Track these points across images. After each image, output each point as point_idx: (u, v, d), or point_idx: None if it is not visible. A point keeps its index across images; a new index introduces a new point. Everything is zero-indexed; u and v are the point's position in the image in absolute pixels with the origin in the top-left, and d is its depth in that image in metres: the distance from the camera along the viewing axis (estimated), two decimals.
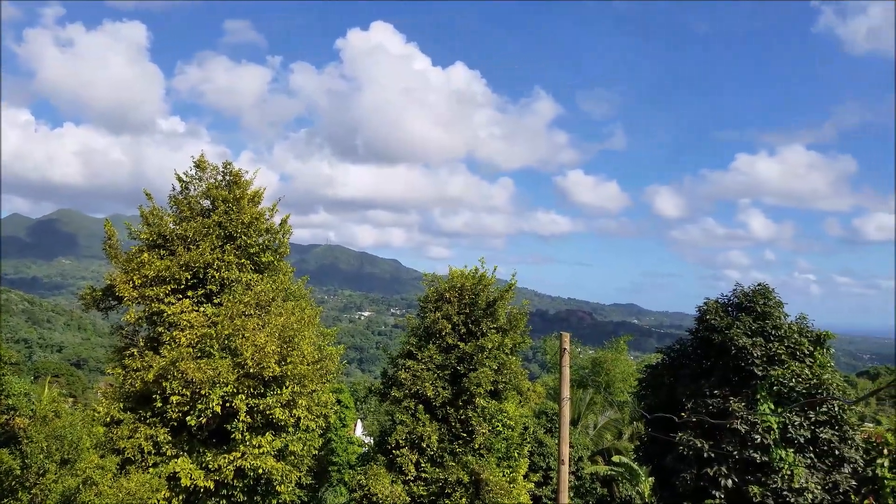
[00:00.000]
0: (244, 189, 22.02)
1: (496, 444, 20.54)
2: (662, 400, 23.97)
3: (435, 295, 22.47)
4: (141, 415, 19.26)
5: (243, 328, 18.76)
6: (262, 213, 22.14)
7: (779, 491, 20.20)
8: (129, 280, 20.04)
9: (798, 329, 22.62)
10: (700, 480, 21.47)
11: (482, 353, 20.92)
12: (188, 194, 21.96)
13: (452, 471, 19.54)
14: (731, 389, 22.03)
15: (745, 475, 21.05)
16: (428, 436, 19.90)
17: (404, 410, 20.67)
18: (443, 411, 20.79)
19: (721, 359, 22.50)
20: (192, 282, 20.43)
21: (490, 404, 20.89)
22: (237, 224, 21.14)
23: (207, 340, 18.70)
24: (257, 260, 21.78)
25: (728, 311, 23.49)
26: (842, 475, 20.76)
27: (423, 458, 20.12)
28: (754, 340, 21.82)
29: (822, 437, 20.94)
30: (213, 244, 20.68)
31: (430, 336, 21.94)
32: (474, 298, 22.02)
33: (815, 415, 21.20)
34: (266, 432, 19.01)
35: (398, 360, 22.16)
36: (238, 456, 18.57)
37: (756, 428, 20.84)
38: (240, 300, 19.63)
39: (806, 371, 21.52)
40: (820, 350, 22.48)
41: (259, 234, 21.93)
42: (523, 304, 23.67)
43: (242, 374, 18.49)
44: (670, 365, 24.65)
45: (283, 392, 18.82)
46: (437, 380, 20.90)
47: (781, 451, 20.57)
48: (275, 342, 18.70)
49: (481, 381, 20.41)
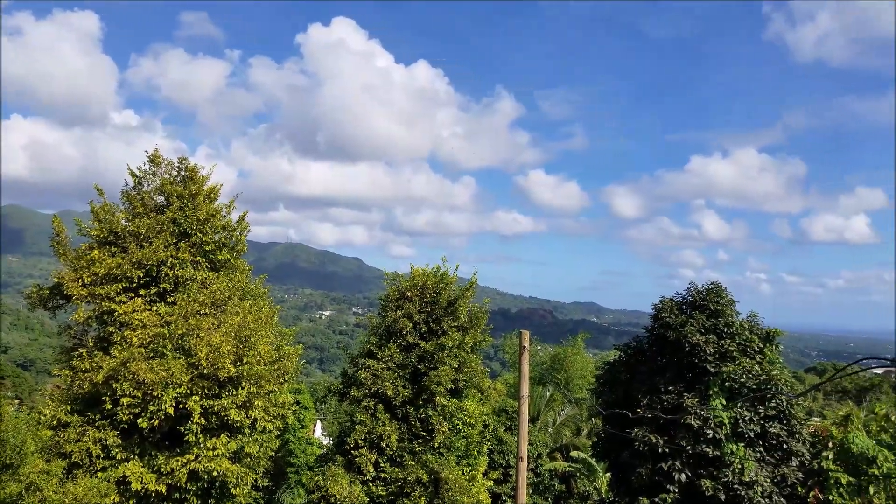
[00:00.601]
0: (200, 185, 21.58)
1: (456, 442, 20.57)
2: (619, 396, 24.31)
3: (396, 294, 22.39)
4: (89, 417, 18.71)
5: (198, 328, 18.38)
6: (218, 209, 21.72)
7: (730, 484, 20.68)
8: (78, 278, 19.45)
9: (749, 327, 23.18)
10: (655, 475, 21.86)
11: (443, 352, 20.92)
12: (141, 190, 21.43)
13: (412, 470, 19.50)
14: (685, 386, 22.47)
15: (698, 469, 21.50)
16: (387, 435, 19.81)
17: (364, 410, 20.54)
18: (403, 410, 20.72)
19: (675, 356, 22.92)
20: (144, 280, 19.93)
21: (450, 403, 20.90)
22: (192, 221, 20.70)
23: (160, 340, 18.26)
24: (213, 258, 21.37)
25: (682, 310, 23.94)
26: (789, 468, 21.35)
27: (382, 458, 20.03)
28: (707, 338, 22.28)
29: (771, 432, 21.51)
30: (167, 241, 20.21)
31: (390, 335, 21.85)
32: (436, 297, 22.00)
33: (765, 410, 21.75)
34: (221, 434, 18.66)
35: (358, 360, 22.02)
36: (191, 458, 18.18)
37: (708, 423, 21.29)
38: (194, 299, 19.23)
39: (756, 367, 22.07)
40: (769, 347, 23.10)
41: (215, 232, 21.52)
42: (484, 303, 23.75)
43: (196, 375, 18.12)
44: (627, 362, 25.03)
45: (239, 393, 18.50)
46: (398, 379, 20.83)
47: (732, 445, 21.07)
48: (230, 342, 18.37)
49: (442, 380, 20.41)
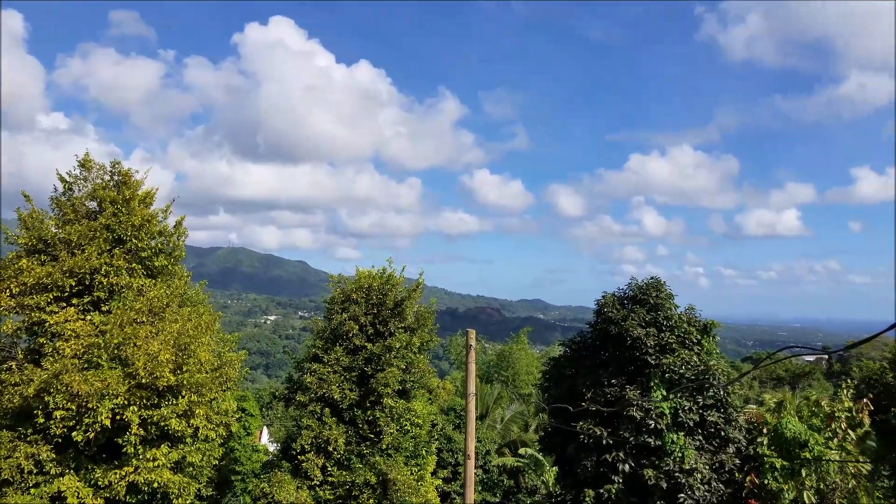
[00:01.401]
0: (134, 189, 20.94)
1: (404, 443, 20.55)
2: (564, 391, 24.73)
3: (341, 296, 22.21)
4: (20, 432, 17.92)
5: (134, 336, 17.83)
6: (154, 214, 21.12)
7: (671, 472, 21.30)
8: (5, 288, 18.63)
9: (687, 319, 23.91)
10: (600, 467, 22.34)
11: (390, 353, 20.86)
12: (72, 196, 20.66)
13: (360, 473, 19.39)
14: (627, 378, 23.03)
15: (641, 459, 22.07)
16: (335, 439, 19.64)
17: (310, 415, 20.31)
18: (350, 413, 20.58)
19: (618, 349, 23.46)
20: (77, 289, 19.23)
21: (398, 404, 20.85)
22: (127, 227, 20.07)
23: (95, 350, 17.65)
24: (150, 264, 20.77)
25: (624, 304, 24.52)
26: (727, 455, 22.13)
27: (329, 462, 19.85)
28: (648, 331, 22.88)
29: (710, 420, 22.25)
30: (100, 248, 19.54)
31: (336, 338, 21.66)
32: (382, 299, 21.91)
33: (703, 399, 22.49)
34: (161, 444, 18.16)
35: (304, 364, 21.77)
36: (130, 471, 17.64)
37: (650, 414, 21.88)
38: (130, 307, 18.66)
39: (694, 358, 22.80)
40: (707, 338, 23.88)
41: (151, 237, 20.92)
42: (431, 303, 23.80)
43: (134, 385, 17.57)
44: (571, 357, 25.48)
45: (180, 402, 18.03)
46: (344, 382, 20.67)
47: (673, 434, 21.71)
48: (169, 350, 17.89)
49: (389, 382, 20.34)
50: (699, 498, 21.18)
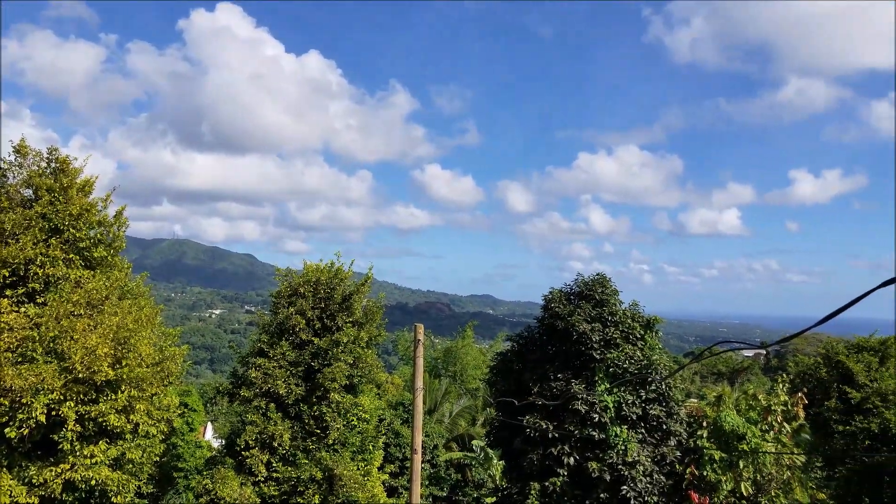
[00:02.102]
0: (73, 177, 20.18)
1: (351, 438, 20.43)
2: (512, 385, 24.95)
3: (288, 290, 21.91)
4: None
5: (71, 330, 17.23)
6: (93, 203, 20.41)
7: (614, 465, 21.73)
8: None
9: (631, 315, 24.39)
10: (546, 460, 22.63)
11: (337, 348, 20.68)
12: (6, 183, 19.79)
13: (305, 468, 19.19)
14: (572, 372, 23.37)
15: (586, 452, 22.44)
16: (280, 434, 19.39)
17: (255, 410, 20.00)
18: (296, 409, 20.34)
19: (564, 344, 23.79)
20: (10, 280, 18.44)
21: (345, 399, 20.71)
22: (64, 216, 19.35)
23: (29, 344, 17.00)
24: (88, 255, 20.08)
25: (570, 300, 24.85)
26: (668, 447, 22.70)
27: (274, 458, 19.58)
28: (593, 326, 23.26)
29: (652, 414, 22.77)
30: (35, 238, 18.78)
31: (282, 332, 21.37)
32: (330, 293, 21.70)
33: (646, 393, 22.99)
34: (99, 441, 17.60)
35: (249, 359, 21.41)
36: (67, 468, 17.05)
37: (595, 408, 22.27)
38: (67, 299, 18.01)
39: (638, 353, 23.28)
40: (650, 333, 24.41)
41: (90, 227, 20.22)
42: (380, 297, 23.68)
43: (71, 380, 16.98)
44: (519, 351, 25.71)
45: (119, 397, 17.51)
46: (290, 377, 20.41)
47: (617, 428, 22.14)
48: (108, 344, 17.34)
49: (336, 376, 20.18)
50: (641, 490, 21.67)
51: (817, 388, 29.73)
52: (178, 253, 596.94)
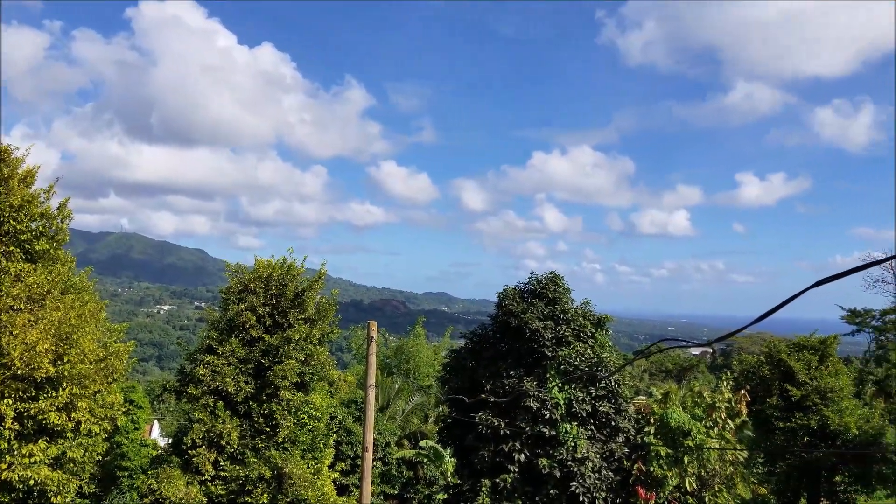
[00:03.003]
0: (14, 168, 19.40)
1: (301, 436, 20.20)
2: (465, 382, 25.06)
3: (239, 286, 21.53)
4: None
5: (11, 325, 16.60)
6: (35, 195, 19.65)
7: (564, 461, 22.04)
8: None
9: (582, 313, 24.76)
10: (497, 456, 22.81)
11: (288, 345, 20.41)
12: None
13: (254, 467, 18.90)
14: (525, 370, 23.61)
15: (536, 449, 22.70)
16: (228, 433, 19.05)
17: (202, 408, 19.59)
18: (245, 407, 20.01)
19: (517, 342, 24.00)
20: None
21: (296, 397, 20.46)
22: (4, 207, 18.58)
23: None
24: (29, 248, 19.33)
25: (524, 298, 25.09)
26: (617, 443, 23.12)
27: (222, 457, 19.23)
28: (546, 324, 23.53)
29: (601, 411, 23.16)
30: None
31: (232, 329, 21.00)
32: (282, 289, 21.41)
33: (596, 390, 23.37)
34: (39, 439, 17.02)
35: (196, 356, 20.97)
36: (4, 467, 16.43)
37: (546, 405, 22.54)
38: (7, 293, 17.34)
39: (588, 351, 23.65)
40: (600, 331, 24.82)
41: (31, 219, 19.47)
42: (333, 294, 23.48)
43: (9, 377, 16.37)
44: (472, 349, 25.83)
45: (60, 394, 16.95)
46: (240, 374, 20.07)
47: (567, 424, 22.45)
48: (49, 340, 16.76)
49: (287, 374, 19.92)
50: (590, 486, 22.02)
51: (760, 385, 30.65)
52: (126, 247, 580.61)
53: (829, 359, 31.34)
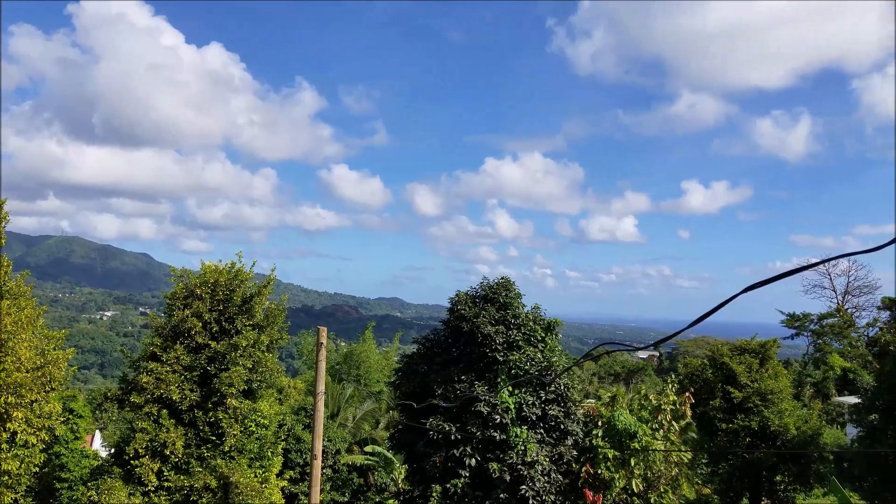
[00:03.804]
0: None
1: (248, 444, 19.80)
2: (416, 388, 25.03)
3: (184, 291, 21.01)
4: None
5: None
6: None
7: (514, 465, 22.20)
8: None
9: (533, 318, 25.03)
10: (448, 462, 22.83)
11: (236, 352, 20.00)
12: None
13: (199, 476, 18.44)
14: (476, 374, 23.72)
15: (487, 453, 22.81)
16: (172, 442, 18.54)
17: (145, 417, 19.02)
18: (190, 415, 19.51)
19: (469, 346, 24.11)
20: None
21: (243, 404, 20.05)
22: None
23: None
24: None
25: (476, 303, 25.24)
26: (565, 447, 23.41)
27: (166, 467, 18.71)
28: (497, 329, 23.71)
29: (551, 414, 23.43)
30: None
31: (177, 336, 20.46)
32: (229, 294, 20.97)
33: (545, 394, 23.63)
34: None
35: (140, 363, 20.37)
36: None
37: (496, 409, 22.67)
38: None
39: (538, 355, 23.91)
40: (550, 336, 25.13)
41: None
42: (282, 300, 23.12)
43: None
44: (425, 354, 25.84)
45: None
46: (185, 382, 19.56)
47: (517, 428, 22.63)
48: None
49: (234, 381, 19.51)
50: (539, 489, 22.23)
51: (703, 388, 31.45)
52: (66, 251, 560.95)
53: (769, 362, 32.36)
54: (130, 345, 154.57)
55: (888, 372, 23.11)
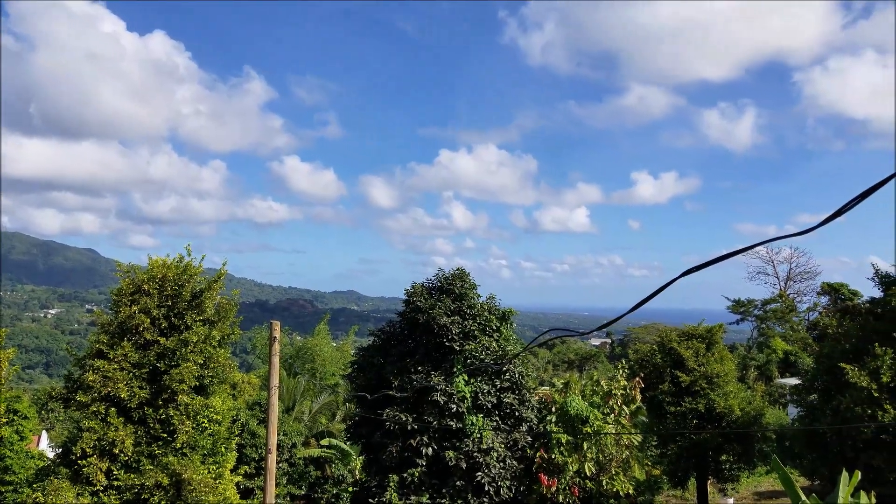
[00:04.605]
0: None
1: (201, 441, 19.52)
2: (373, 380, 25.07)
3: (131, 287, 20.53)
4: None
5: None
6: None
7: (470, 453, 22.47)
8: None
9: (488, 308, 25.32)
10: (405, 452, 22.97)
11: (186, 348, 19.66)
12: None
13: (150, 474, 18.12)
14: (433, 365, 23.89)
15: (444, 442, 23.02)
16: (121, 440, 18.15)
17: (93, 416, 18.57)
18: (140, 413, 19.13)
19: (425, 337, 24.25)
20: None
21: (195, 400, 19.74)
22: None
23: None
24: None
25: (432, 294, 25.38)
26: (520, 433, 23.80)
27: (115, 466, 18.32)
28: (453, 319, 23.90)
29: (506, 402, 23.77)
30: None
31: (125, 332, 20.00)
32: (178, 290, 20.57)
33: (500, 382, 23.95)
34: None
35: (86, 361, 19.86)
36: None
37: (453, 398, 22.88)
38: None
39: (493, 344, 24.20)
40: (505, 325, 25.47)
41: None
42: (233, 294, 22.80)
43: None
44: (381, 346, 25.88)
45: None
46: (133, 379, 19.16)
47: (473, 417, 22.89)
48: None
49: (185, 377, 19.19)
50: (495, 475, 22.55)
51: (653, 373, 32.22)
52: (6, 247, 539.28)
53: (715, 346, 33.32)
54: (77, 343, 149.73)
55: (826, 354, 24.10)
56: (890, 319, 21.86)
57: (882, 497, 17.97)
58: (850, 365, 21.22)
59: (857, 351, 22.33)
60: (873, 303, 24.21)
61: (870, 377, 20.45)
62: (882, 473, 19.86)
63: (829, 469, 21.49)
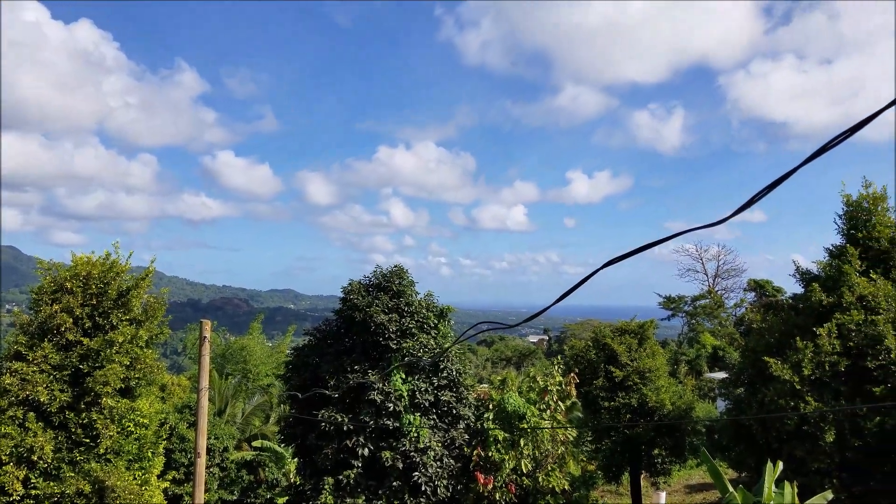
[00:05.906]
0: None
1: (126, 445, 18.73)
2: (307, 380, 24.59)
3: (52, 285, 19.53)
4: None
5: None
6: None
7: (407, 452, 22.31)
8: None
9: (426, 305, 25.20)
10: (341, 453, 22.62)
11: (111, 349, 18.82)
12: None
13: (71, 482, 17.28)
14: (370, 363, 23.61)
15: (381, 442, 22.79)
16: (40, 447, 17.24)
17: (10, 421, 17.58)
18: (60, 417, 18.21)
19: (362, 336, 23.94)
20: None
21: (120, 404, 18.92)
22: None
23: None
24: None
25: (369, 291, 25.08)
26: (458, 431, 23.79)
27: (33, 473, 17.39)
28: (390, 317, 23.68)
29: (443, 400, 23.72)
30: None
31: (45, 333, 19.01)
32: (103, 288, 19.67)
33: (438, 380, 23.88)
34: None
35: (2, 364, 18.78)
36: None
37: (390, 397, 22.68)
38: None
39: (431, 342, 24.11)
40: (443, 322, 25.42)
41: None
42: (162, 293, 21.98)
43: None
44: (316, 345, 25.42)
45: None
46: (54, 382, 18.23)
47: (410, 416, 22.75)
48: None
49: (109, 379, 18.37)
50: (432, 475, 22.47)
51: (587, 368, 32.77)
52: None
53: (647, 341, 34.14)
54: None
55: (752, 348, 24.98)
56: (810, 314, 22.83)
57: (804, 487, 18.75)
58: (773, 358, 22.05)
59: (780, 345, 23.24)
60: (795, 298, 25.27)
61: (792, 370, 21.28)
62: (804, 464, 20.69)
63: (756, 461, 22.29)
